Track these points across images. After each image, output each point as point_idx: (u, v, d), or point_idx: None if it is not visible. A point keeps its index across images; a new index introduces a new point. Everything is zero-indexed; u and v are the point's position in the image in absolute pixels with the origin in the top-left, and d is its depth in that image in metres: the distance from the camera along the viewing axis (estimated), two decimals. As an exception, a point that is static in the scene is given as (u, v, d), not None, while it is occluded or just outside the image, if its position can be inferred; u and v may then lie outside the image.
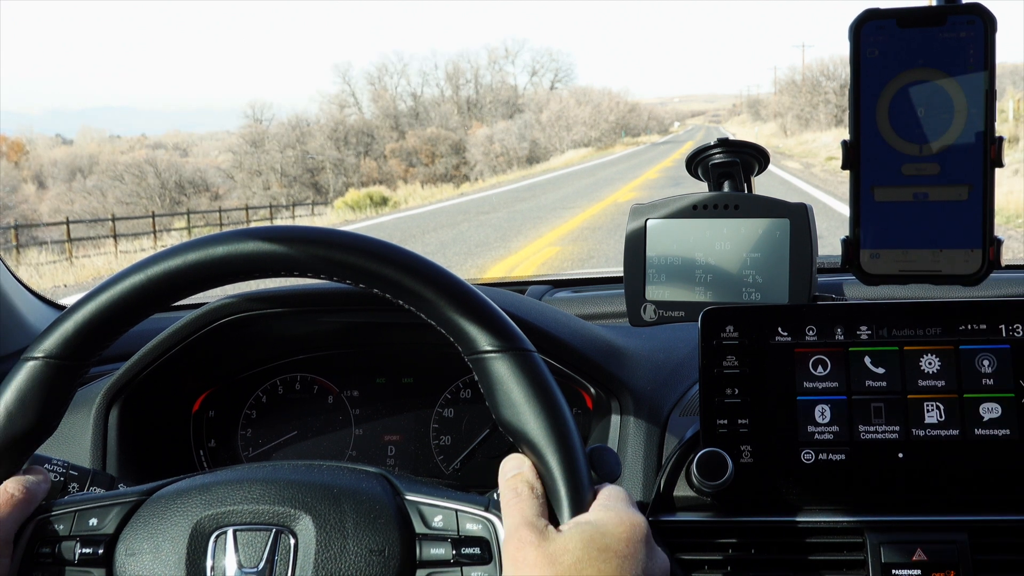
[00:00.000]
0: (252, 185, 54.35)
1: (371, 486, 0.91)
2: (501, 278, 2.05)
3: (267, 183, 55.14)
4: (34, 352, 0.90)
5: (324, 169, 58.34)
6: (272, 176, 55.91)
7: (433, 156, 61.80)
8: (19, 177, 56.95)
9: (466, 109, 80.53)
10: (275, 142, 58.15)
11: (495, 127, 68.29)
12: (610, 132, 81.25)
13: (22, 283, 1.67)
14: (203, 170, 54.57)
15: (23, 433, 0.90)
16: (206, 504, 0.90)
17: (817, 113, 65.83)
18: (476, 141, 64.41)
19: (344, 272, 0.89)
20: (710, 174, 1.63)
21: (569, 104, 77.21)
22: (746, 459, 1.10)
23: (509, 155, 61.14)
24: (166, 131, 78.35)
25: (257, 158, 56.63)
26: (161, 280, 0.89)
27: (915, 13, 0.95)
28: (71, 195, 47.53)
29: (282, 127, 61.59)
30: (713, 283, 1.55)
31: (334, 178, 56.99)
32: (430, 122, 71.60)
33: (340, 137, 61.62)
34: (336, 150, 59.93)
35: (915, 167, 0.97)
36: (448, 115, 74.86)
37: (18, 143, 70.14)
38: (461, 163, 62.38)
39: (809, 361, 1.12)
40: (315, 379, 1.47)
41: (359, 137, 63.47)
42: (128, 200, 45.91)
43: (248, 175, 55.63)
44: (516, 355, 0.87)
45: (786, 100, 74.50)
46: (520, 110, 77.46)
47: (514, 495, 0.84)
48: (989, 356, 1.09)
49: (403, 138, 65.33)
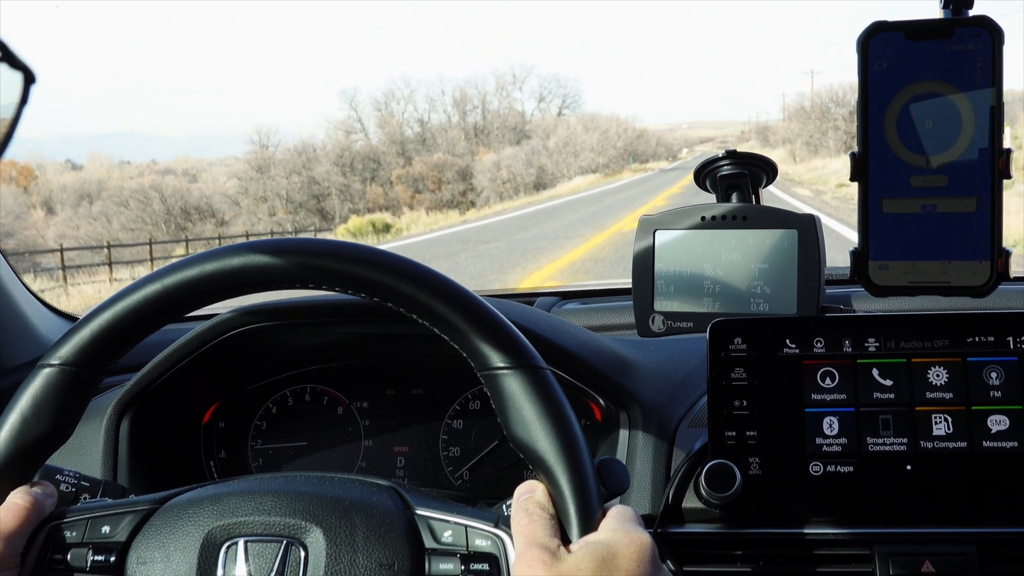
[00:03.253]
0: (258, 211, 53.51)
1: (382, 499, 0.91)
2: (510, 290, 2.05)
3: (272, 209, 54.95)
4: (50, 359, 0.91)
5: (330, 195, 58.31)
6: (278, 202, 55.85)
7: (439, 182, 60.83)
8: (28, 202, 56.37)
9: (473, 135, 79.23)
10: (281, 168, 57.66)
11: (502, 153, 67.22)
12: (618, 158, 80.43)
13: (35, 295, 1.69)
14: (209, 196, 53.78)
15: (37, 440, 0.91)
16: (218, 514, 0.91)
17: (826, 139, 64.70)
18: (483, 167, 63.15)
19: (358, 285, 0.89)
20: (718, 186, 1.63)
21: (576, 130, 76.41)
22: (754, 471, 1.10)
23: (516, 181, 60.66)
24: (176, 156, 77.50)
25: (263, 184, 56.58)
26: (177, 290, 0.90)
27: (923, 26, 0.96)
28: (77, 221, 46.97)
29: (288, 153, 61.16)
30: (721, 294, 1.56)
31: (340, 204, 56.85)
32: (437, 148, 70.70)
33: (346, 163, 61.56)
34: (342, 176, 59.93)
35: (923, 179, 0.97)
36: (455, 141, 73.71)
37: (27, 168, 69.20)
38: (468, 189, 61.72)
39: (817, 373, 1.12)
40: (325, 390, 1.48)
41: (365, 163, 63.28)
42: (133, 226, 45.41)
43: (254, 201, 55.42)
44: (528, 372, 0.87)
45: (795, 126, 73.10)
46: (527, 136, 76.34)
47: (525, 515, 0.84)
48: (997, 368, 1.09)
49: (409, 164, 64.90)
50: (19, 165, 69.46)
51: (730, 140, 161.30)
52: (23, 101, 0.70)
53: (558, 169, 67.49)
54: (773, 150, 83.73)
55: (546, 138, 73.25)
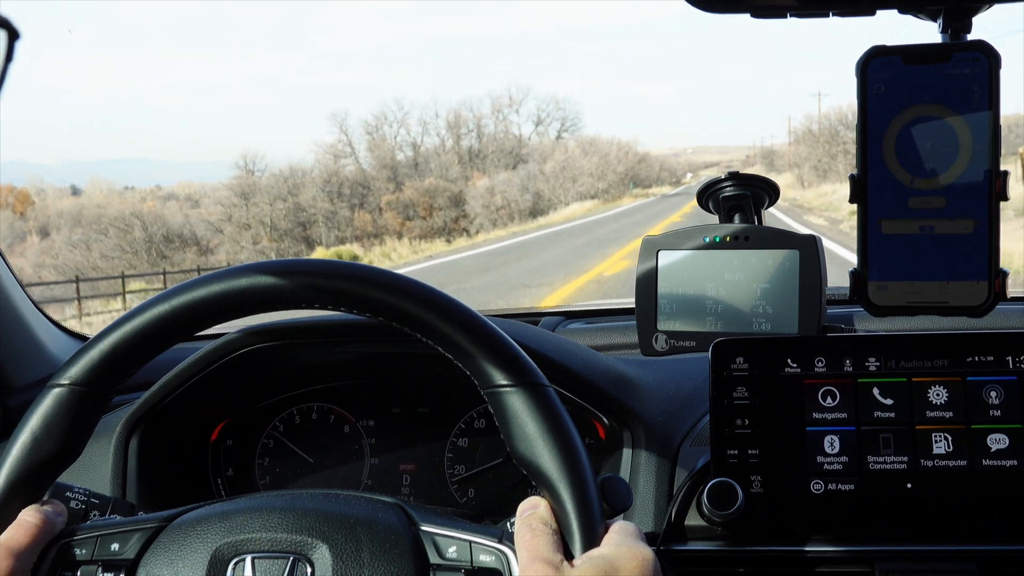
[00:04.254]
0: (240, 239, 50.28)
1: (387, 516, 0.93)
2: (515, 309, 2.06)
3: (256, 237, 51.27)
4: (60, 379, 0.92)
5: (316, 222, 54.92)
6: (261, 229, 52.31)
7: (431, 209, 57.76)
8: (24, 228, 54.84)
9: (468, 159, 75.90)
10: (265, 194, 54.06)
11: (496, 178, 63.02)
12: (618, 183, 76.28)
13: (45, 314, 1.70)
14: (193, 223, 51.16)
15: (47, 458, 0.92)
16: (225, 531, 0.92)
17: (835, 163, 61.87)
18: (476, 193, 59.26)
19: (363, 305, 0.91)
20: (721, 207, 1.65)
21: (575, 154, 72.45)
22: (756, 489, 1.11)
23: (511, 208, 57.06)
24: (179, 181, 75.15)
25: (246, 211, 53.02)
26: (185, 310, 0.92)
27: (921, 50, 0.97)
28: (56, 248, 44.14)
29: (273, 178, 57.50)
30: (724, 314, 1.57)
31: (326, 232, 53.43)
32: (429, 173, 67.21)
33: (333, 188, 58.05)
34: (329, 202, 56.66)
35: (921, 200, 0.98)
36: (448, 165, 70.65)
37: (24, 193, 67.33)
38: (460, 216, 57.89)
39: (818, 392, 1.13)
40: (331, 409, 1.49)
41: (354, 188, 59.75)
42: (112, 254, 43.04)
43: (236, 228, 51.77)
44: (531, 390, 0.89)
45: (802, 150, 70.12)
46: (524, 160, 72.61)
47: (529, 530, 0.85)
48: (996, 387, 1.10)
49: (400, 190, 61.02)
50: (16, 190, 67.93)
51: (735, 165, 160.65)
52: (8, 58, 0.70)
53: (555, 195, 64.05)
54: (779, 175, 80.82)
55: (543, 162, 69.89)
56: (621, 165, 78.78)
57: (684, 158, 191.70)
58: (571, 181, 66.17)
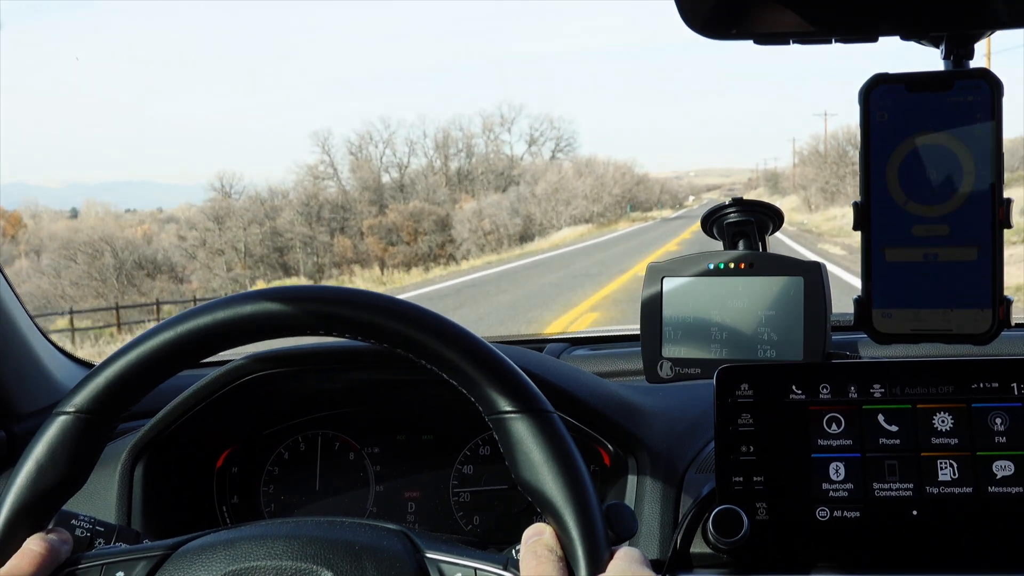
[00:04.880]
0: (214, 265, 46.44)
1: (392, 543, 0.93)
2: (519, 336, 2.07)
3: (230, 263, 47.61)
4: (65, 407, 0.93)
5: (293, 247, 51.14)
6: (235, 256, 48.53)
7: (416, 233, 54.18)
8: (15, 252, 51.32)
9: (456, 181, 72.15)
10: (238, 218, 50.26)
11: (483, 201, 58.97)
12: (615, 206, 71.60)
13: (51, 341, 1.71)
14: (167, 248, 47.35)
15: (52, 486, 0.92)
16: (230, 559, 0.92)
17: (844, 185, 58.50)
18: (463, 216, 55.35)
19: (368, 332, 0.91)
20: (725, 233, 1.65)
21: (568, 175, 67.99)
22: (762, 516, 1.11)
23: (499, 232, 52.96)
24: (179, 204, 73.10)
25: (220, 235, 49.31)
26: (190, 337, 0.92)
27: (923, 78, 0.98)
28: (24, 275, 40.44)
29: (250, 201, 54.04)
30: (729, 340, 1.57)
31: (304, 258, 50.15)
32: (416, 195, 63.63)
33: (312, 212, 54.43)
34: (307, 226, 52.88)
35: (925, 228, 0.99)
36: (435, 187, 66.85)
37: (16, 216, 64.68)
38: (447, 241, 54.19)
39: (823, 419, 1.13)
40: (337, 436, 1.49)
41: (334, 211, 56.39)
42: (81, 281, 40.18)
43: (209, 254, 47.89)
44: (536, 416, 0.89)
45: (809, 171, 65.75)
46: (516, 182, 68.30)
47: (534, 557, 0.85)
48: (1002, 414, 1.10)
49: (383, 213, 57.47)
50: (8, 213, 65.80)
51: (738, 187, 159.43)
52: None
53: (547, 218, 59.95)
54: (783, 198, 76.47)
55: (534, 184, 65.56)
56: (618, 187, 74.36)
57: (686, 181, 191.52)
58: (564, 204, 62.45)
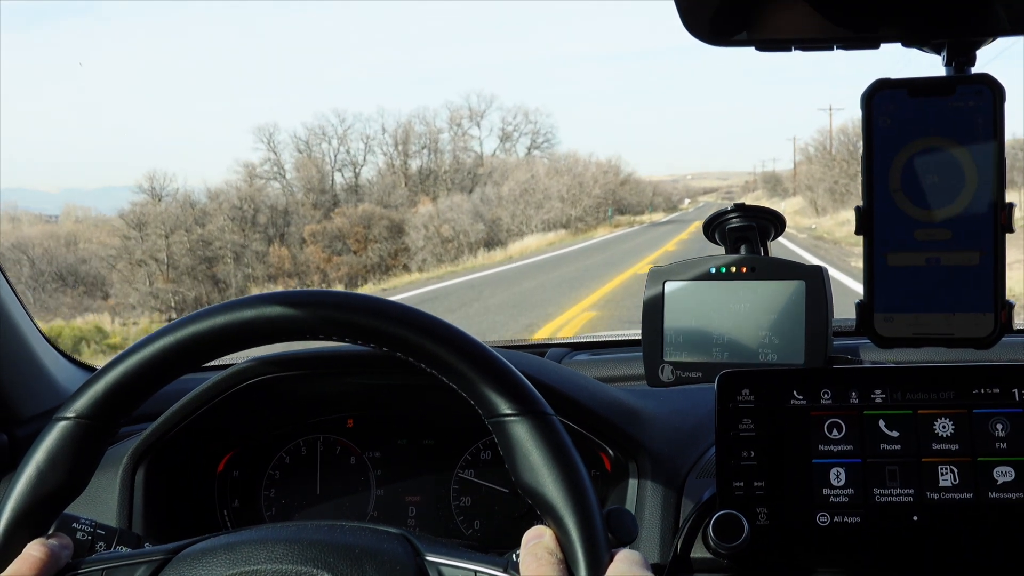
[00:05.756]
0: (134, 278, 39.11)
1: (392, 546, 0.93)
2: (521, 341, 2.07)
3: (152, 276, 40.25)
4: (65, 412, 0.93)
5: (224, 258, 43.20)
6: (157, 268, 40.99)
7: (366, 241, 46.24)
8: None
9: (418, 181, 63.18)
10: (161, 224, 42.43)
11: (441, 204, 50.67)
12: (596, 209, 61.66)
13: (53, 344, 1.71)
14: (88, 259, 40.21)
15: (53, 492, 0.92)
16: (231, 563, 0.92)
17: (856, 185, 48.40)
18: (418, 222, 47.33)
19: (367, 336, 0.91)
20: (727, 238, 1.65)
21: (539, 173, 57.93)
22: (762, 521, 1.11)
23: (460, 240, 45.25)
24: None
25: (142, 244, 41.65)
26: (189, 343, 0.92)
27: (925, 83, 0.98)
28: None
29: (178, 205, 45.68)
30: (730, 345, 1.57)
31: (235, 270, 42.30)
32: (371, 197, 55.80)
33: (247, 217, 45.92)
34: (240, 233, 44.68)
35: (927, 233, 0.99)
36: (391, 188, 58.77)
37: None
38: (400, 250, 46.19)
39: (824, 424, 1.13)
40: (338, 440, 1.49)
41: (273, 216, 47.73)
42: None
43: (129, 266, 40.13)
44: (535, 419, 0.89)
45: (816, 170, 58.21)
46: (483, 182, 59.01)
47: (534, 560, 0.85)
48: (1002, 420, 1.10)
49: (327, 218, 49.69)
50: None
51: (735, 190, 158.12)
52: None
53: (515, 223, 51.00)
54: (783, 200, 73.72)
55: (499, 184, 56.19)
56: (598, 187, 63.82)
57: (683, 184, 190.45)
58: (535, 207, 53.47)
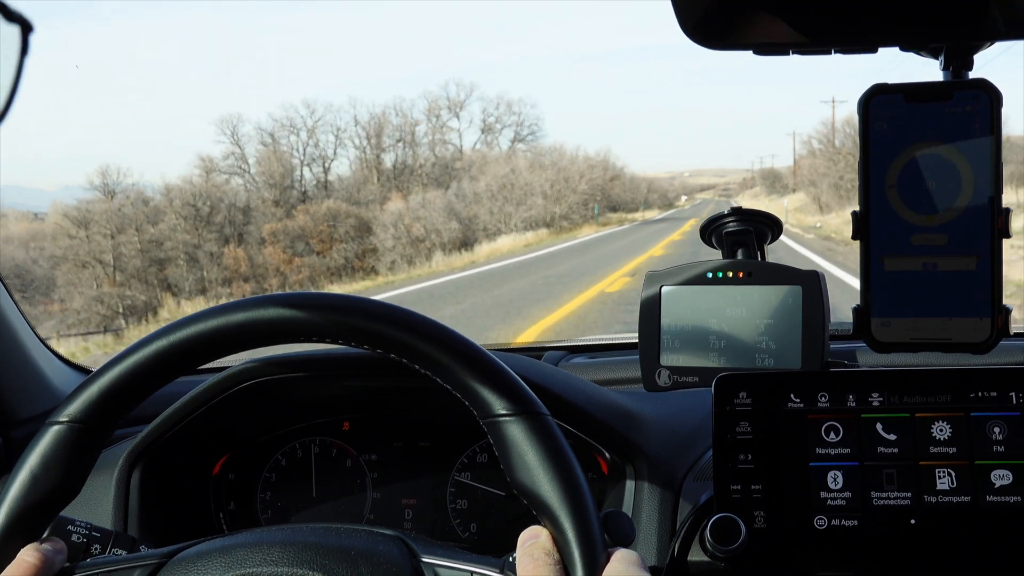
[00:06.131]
0: (79, 281, 35.14)
1: (388, 548, 0.92)
2: (518, 344, 2.07)
3: (97, 279, 36.36)
4: (59, 416, 0.92)
5: (176, 260, 39.76)
6: (102, 270, 37.14)
7: (331, 240, 42.49)
8: None
9: (392, 176, 59.18)
10: (105, 223, 38.37)
11: (413, 200, 46.86)
12: (582, 206, 56.99)
13: (48, 347, 1.71)
14: (34, 260, 36.71)
15: (46, 497, 0.91)
16: (226, 566, 0.91)
17: None
18: (386, 220, 43.19)
19: (361, 337, 0.91)
20: (724, 242, 1.65)
21: (520, 167, 53.55)
22: (759, 524, 1.11)
23: (432, 239, 41.33)
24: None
25: (88, 244, 37.77)
26: (183, 346, 0.92)
27: (922, 89, 0.98)
28: None
29: (124, 202, 41.48)
30: (727, 349, 1.57)
31: (187, 272, 39.03)
32: (341, 193, 51.94)
33: (201, 215, 42.13)
34: (194, 233, 41.16)
35: (924, 237, 0.99)
36: (362, 183, 54.72)
37: None
38: (368, 250, 42.43)
39: (821, 427, 1.13)
40: (334, 443, 1.49)
41: (230, 214, 43.42)
42: None
43: (74, 268, 36.17)
44: (530, 419, 0.89)
45: (820, 164, 54.31)
46: (459, 177, 55.47)
47: (530, 560, 0.85)
48: (1000, 423, 1.10)
49: (288, 216, 45.53)
50: None
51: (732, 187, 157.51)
52: (24, 51, 0.71)
53: (494, 221, 47.31)
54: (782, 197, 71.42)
55: (475, 179, 52.53)
56: (585, 182, 58.58)
57: (680, 180, 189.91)
58: (516, 204, 49.29)
